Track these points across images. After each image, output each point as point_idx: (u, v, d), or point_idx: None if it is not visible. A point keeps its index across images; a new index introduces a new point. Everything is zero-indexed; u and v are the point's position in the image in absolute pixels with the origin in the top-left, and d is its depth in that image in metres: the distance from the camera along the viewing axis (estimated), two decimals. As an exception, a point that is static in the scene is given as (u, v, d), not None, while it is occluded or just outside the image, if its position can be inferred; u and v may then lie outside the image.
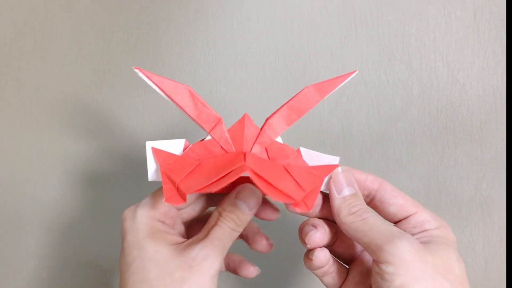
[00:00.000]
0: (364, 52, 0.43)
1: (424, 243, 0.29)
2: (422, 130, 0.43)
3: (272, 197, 0.27)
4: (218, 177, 0.28)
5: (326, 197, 0.33)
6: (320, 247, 0.32)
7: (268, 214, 0.34)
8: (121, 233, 0.30)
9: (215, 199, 0.35)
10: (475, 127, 0.42)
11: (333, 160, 0.32)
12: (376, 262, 0.27)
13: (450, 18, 0.42)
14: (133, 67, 0.29)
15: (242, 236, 0.37)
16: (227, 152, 0.32)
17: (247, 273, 0.37)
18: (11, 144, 0.47)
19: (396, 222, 0.31)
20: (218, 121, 0.31)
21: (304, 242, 0.32)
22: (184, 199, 0.28)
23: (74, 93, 0.46)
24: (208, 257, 0.29)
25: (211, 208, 0.36)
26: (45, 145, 0.47)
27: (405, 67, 0.43)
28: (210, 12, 0.44)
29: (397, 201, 0.31)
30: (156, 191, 0.31)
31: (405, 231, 0.30)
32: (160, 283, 0.28)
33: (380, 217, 0.30)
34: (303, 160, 0.32)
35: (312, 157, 0.32)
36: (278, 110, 0.32)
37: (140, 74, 0.29)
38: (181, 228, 0.33)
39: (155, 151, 0.31)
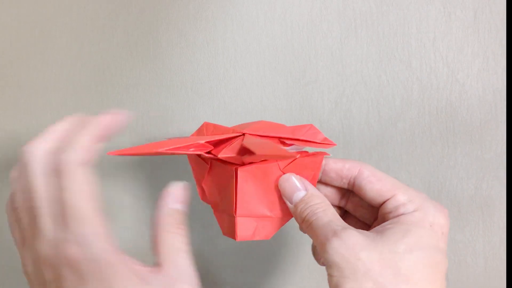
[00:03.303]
0: (364, 52, 0.43)
1: (381, 231, 0.28)
2: (422, 130, 0.43)
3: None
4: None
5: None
6: None
7: None
8: (86, 277, 0.25)
9: None
10: (475, 127, 0.42)
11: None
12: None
13: (450, 18, 0.42)
14: (106, 153, 0.27)
15: None
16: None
17: None
18: (11, 144, 0.47)
19: (379, 207, 0.31)
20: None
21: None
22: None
23: (74, 93, 0.46)
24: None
25: None
26: (45, 145, 0.47)
27: (405, 67, 0.43)
28: (210, 12, 0.44)
29: (373, 186, 0.30)
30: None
31: (383, 217, 0.30)
32: None
33: (328, 213, 0.29)
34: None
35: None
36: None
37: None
38: None
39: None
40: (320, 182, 0.33)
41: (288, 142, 0.32)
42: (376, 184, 0.30)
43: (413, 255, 0.26)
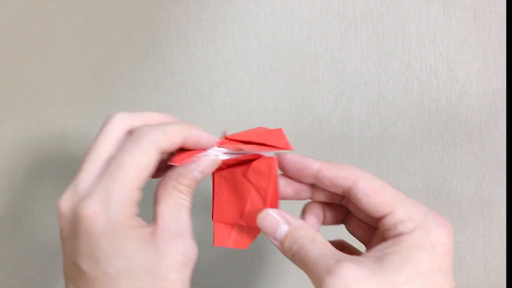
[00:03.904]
0: (364, 52, 0.43)
1: (380, 257, 0.26)
2: (422, 130, 0.43)
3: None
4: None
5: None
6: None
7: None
8: (84, 236, 0.25)
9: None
10: (475, 127, 0.42)
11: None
12: None
13: (450, 18, 0.42)
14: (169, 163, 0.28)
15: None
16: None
17: None
18: (11, 144, 0.47)
19: (377, 221, 0.29)
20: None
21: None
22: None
23: (74, 93, 0.46)
24: (195, 248, 0.27)
25: None
26: (45, 145, 0.47)
27: (405, 67, 0.43)
28: (210, 12, 0.44)
29: (370, 200, 0.28)
30: (120, 176, 0.26)
31: (383, 232, 0.28)
32: None
33: (317, 244, 0.27)
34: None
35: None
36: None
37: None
38: None
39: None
40: (317, 187, 0.31)
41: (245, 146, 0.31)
42: (373, 197, 0.28)
43: (415, 285, 0.25)
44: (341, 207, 0.32)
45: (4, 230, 0.48)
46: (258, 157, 0.30)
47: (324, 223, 0.32)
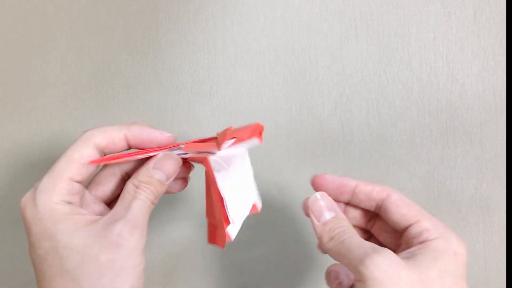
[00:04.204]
0: (364, 52, 0.43)
1: (411, 257, 0.28)
2: (422, 130, 0.43)
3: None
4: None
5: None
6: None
7: (176, 186, 0.34)
8: (24, 225, 0.28)
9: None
10: (475, 127, 0.42)
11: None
12: (355, 280, 0.27)
13: (450, 18, 0.42)
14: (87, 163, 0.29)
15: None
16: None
17: None
18: (11, 144, 0.47)
19: (402, 232, 0.31)
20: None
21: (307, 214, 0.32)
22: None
23: (74, 93, 0.46)
24: (135, 232, 0.27)
25: None
26: (45, 145, 0.47)
27: (405, 67, 0.43)
28: (210, 12, 0.44)
29: (399, 210, 0.31)
30: (52, 169, 0.29)
31: (407, 242, 0.30)
32: (84, 271, 0.26)
33: (358, 235, 0.30)
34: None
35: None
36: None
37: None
38: (97, 207, 0.31)
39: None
40: (349, 204, 0.34)
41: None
42: (403, 208, 0.31)
43: (445, 282, 0.27)
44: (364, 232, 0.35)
45: (3, 231, 0.48)
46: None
47: None
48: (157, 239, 0.46)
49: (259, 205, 0.33)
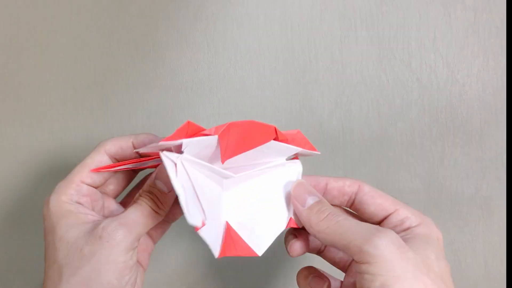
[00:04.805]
0: (364, 52, 0.43)
1: (405, 240, 0.28)
2: (422, 130, 0.43)
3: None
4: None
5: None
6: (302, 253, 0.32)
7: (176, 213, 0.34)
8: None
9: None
10: (475, 127, 0.42)
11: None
12: (358, 262, 0.26)
13: (450, 18, 0.42)
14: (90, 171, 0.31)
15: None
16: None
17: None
18: (10, 144, 0.47)
19: (378, 223, 0.31)
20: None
21: (287, 251, 0.33)
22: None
23: (74, 93, 0.46)
24: (119, 228, 0.28)
25: None
26: (45, 146, 0.47)
27: (405, 67, 0.43)
28: (210, 12, 0.44)
29: (375, 201, 0.31)
30: (71, 173, 0.32)
31: None
32: (68, 261, 0.28)
33: (352, 218, 0.29)
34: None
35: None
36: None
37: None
38: (111, 207, 0.33)
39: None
40: None
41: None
42: (378, 198, 0.31)
43: (441, 262, 0.28)
44: None
45: (4, 231, 0.48)
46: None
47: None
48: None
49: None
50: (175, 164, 0.28)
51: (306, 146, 0.33)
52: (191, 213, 0.27)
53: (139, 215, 0.29)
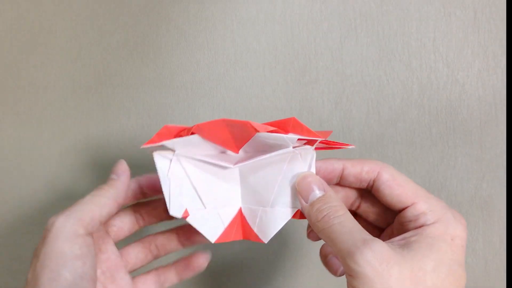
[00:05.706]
0: (364, 52, 0.43)
1: (406, 245, 0.27)
2: (422, 130, 0.43)
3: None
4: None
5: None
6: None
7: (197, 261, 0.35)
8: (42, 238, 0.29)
9: (144, 217, 0.35)
10: (475, 127, 0.42)
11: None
12: (344, 272, 0.26)
13: (450, 18, 0.42)
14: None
15: None
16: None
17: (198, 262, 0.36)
18: (10, 144, 0.47)
19: (397, 212, 0.30)
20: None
21: (308, 236, 0.33)
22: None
23: (74, 93, 0.46)
24: (59, 217, 0.28)
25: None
26: (45, 146, 0.47)
27: (405, 67, 0.43)
28: (210, 12, 0.44)
29: (393, 191, 0.29)
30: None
31: (402, 224, 0.29)
32: (39, 258, 0.28)
33: (350, 219, 0.28)
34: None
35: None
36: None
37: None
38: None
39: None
40: (337, 184, 0.32)
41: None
42: (396, 189, 0.29)
43: (440, 273, 0.26)
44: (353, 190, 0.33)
45: (3, 231, 0.48)
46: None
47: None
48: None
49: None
50: (170, 160, 0.31)
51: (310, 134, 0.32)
52: (173, 206, 0.30)
53: (82, 202, 0.30)
